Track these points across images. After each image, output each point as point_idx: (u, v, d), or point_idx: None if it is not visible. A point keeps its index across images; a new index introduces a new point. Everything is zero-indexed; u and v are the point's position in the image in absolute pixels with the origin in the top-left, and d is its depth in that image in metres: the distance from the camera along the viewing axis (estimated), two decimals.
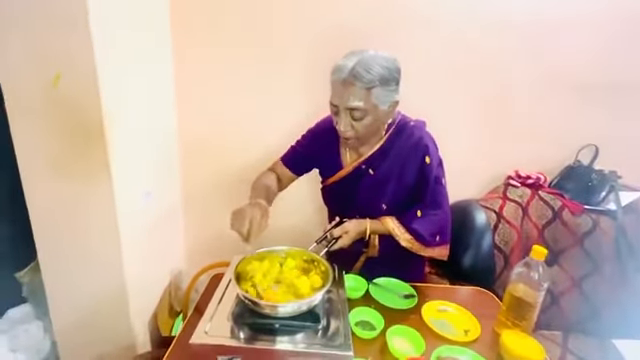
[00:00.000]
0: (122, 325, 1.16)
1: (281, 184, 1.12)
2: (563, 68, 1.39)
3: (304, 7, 1.34)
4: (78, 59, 0.89)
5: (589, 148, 1.44)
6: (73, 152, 0.97)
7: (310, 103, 1.40)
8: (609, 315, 1.26)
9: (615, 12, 1.32)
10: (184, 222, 1.62)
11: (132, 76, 1.09)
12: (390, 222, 1.01)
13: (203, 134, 1.49)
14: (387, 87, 0.89)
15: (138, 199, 1.16)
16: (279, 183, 1.11)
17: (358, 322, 0.89)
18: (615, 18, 1.33)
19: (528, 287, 0.84)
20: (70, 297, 1.13)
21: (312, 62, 1.36)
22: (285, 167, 1.13)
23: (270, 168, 1.15)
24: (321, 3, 1.33)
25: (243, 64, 1.40)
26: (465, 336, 0.88)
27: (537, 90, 1.42)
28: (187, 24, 1.35)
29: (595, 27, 1.34)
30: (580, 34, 1.35)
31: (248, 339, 0.66)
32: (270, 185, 1.05)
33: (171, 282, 1.47)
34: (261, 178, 1.09)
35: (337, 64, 0.89)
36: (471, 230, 1.30)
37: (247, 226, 0.79)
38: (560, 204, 1.34)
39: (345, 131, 0.92)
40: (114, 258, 1.07)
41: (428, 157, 0.99)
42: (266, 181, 1.07)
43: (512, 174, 1.47)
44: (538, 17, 1.33)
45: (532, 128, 1.47)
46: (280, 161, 1.14)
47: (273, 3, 1.34)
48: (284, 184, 1.13)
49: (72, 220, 1.04)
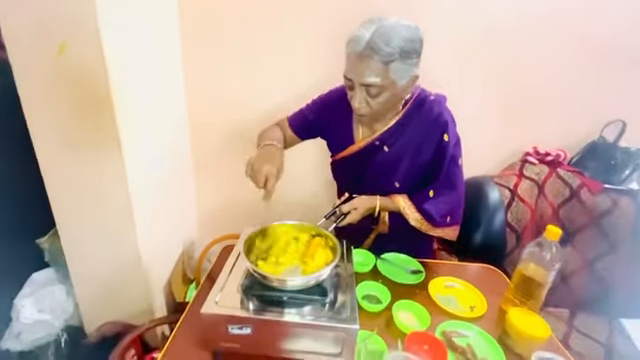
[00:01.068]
0: (139, 290, 1.21)
1: (285, 142, 1.08)
2: (590, 36, 1.28)
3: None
4: (82, 27, 0.86)
5: (615, 124, 1.36)
6: (82, 122, 0.97)
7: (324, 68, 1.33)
8: (620, 295, 1.25)
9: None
10: (195, 192, 1.64)
11: (138, 43, 1.06)
12: (401, 200, 0.99)
13: (212, 101, 1.46)
14: (407, 60, 0.82)
15: (149, 169, 1.17)
16: (284, 142, 1.07)
17: (365, 296, 0.91)
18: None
19: (539, 267, 0.83)
20: (88, 264, 1.18)
21: (327, 26, 1.28)
22: (290, 129, 1.09)
23: (277, 123, 1.12)
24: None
25: (253, 26, 1.34)
26: (471, 312, 0.89)
27: (561, 60, 1.32)
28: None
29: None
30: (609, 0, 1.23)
31: (257, 310, 0.68)
32: (278, 136, 1.02)
33: (184, 251, 1.51)
34: (268, 130, 1.06)
35: (353, 34, 0.82)
36: (483, 207, 1.28)
37: (263, 181, 0.80)
38: (579, 182, 1.29)
39: (359, 107, 0.88)
40: (127, 227, 1.10)
41: (446, 135, 0.94)
42: (273, 132, 1.04)
43: (530, 150, 1.41)
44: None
45: (555, 101, 1.39)
46: (287, 121, 1.10)
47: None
48: (287, 144, 1.09)
49: (86, 190, 1.06)
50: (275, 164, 0.83)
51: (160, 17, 1.22)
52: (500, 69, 1.35)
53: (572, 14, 1.25)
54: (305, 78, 1.38)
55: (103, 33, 0.87)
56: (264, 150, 0.88)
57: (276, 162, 0.84)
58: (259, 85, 1.43)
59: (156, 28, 1.19)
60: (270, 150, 0.88)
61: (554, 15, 1.26)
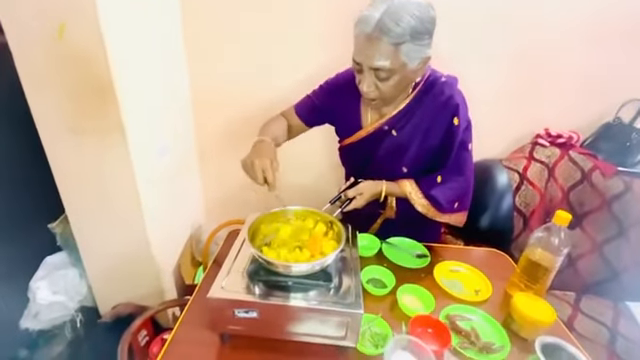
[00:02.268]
0: (149, 273, 1.24)
1: (291, 132, 1.06)
2: (605, 12, 1.21)
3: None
4: (80, 8, 0.84)
5: (633, 104, 1.31)
6: (86, 110, 0.97)
7: (330, 52, 1.30)
8: (627, 278, 1.24)
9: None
10: (201, 177, 1.65)
11: (139, 26, 1.04)
12: (408, 185, 0.98)
13: (216, 87, 1.44)
14: (419, 41, 0.78)
15: (155, 154, 1.17)
16: (289, 130, 1.05)
17: (370, 280, 0.92)
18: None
19: (546, 252, 0.83)
20: (99, 248, 1.21)
21: (333, 7, 1.24)
22: (297, 116, 1.06)
23: (282, 113, 1.09)
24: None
25: (257, 10, 1.30)
26: (475, 296, 0.89)
27: (575, 38, 1.26)
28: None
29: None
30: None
31: (263, 295, 0.69)
32: (278, 130, 1.00)
33: (192, 235, 1.54)
34: (270, 122, 1.04)
35: (361, 14, 0.78)
36: (491, 191, 1.26)
37: (261, 177, 0.78)
38: (591, 165, 1.26)
39: (368, 92, 0.85)
40: (135, 212, 1.11)
41: (457, 118, 0.91)
42: (275, 125, 1.01)
43: (542, 132, 1.37)
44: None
45: (568, 81, 1.33)
46: (293, 109, 1.07)
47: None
48: (294, 133, 1.08)
49: (92, 175, 1.07)
50: (267, 156, 0.81)
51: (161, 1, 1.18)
52: (510, 48, 1.29)
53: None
54: (310, 62, 1.34)
55: (102, 15, 0.85)
56: (254, 148, 0.87)
57: (267, 155, 0.82)
58: (264, 71, 1.40)
59: (157, 12, 1.16)
60: (258, 147, 0.87)
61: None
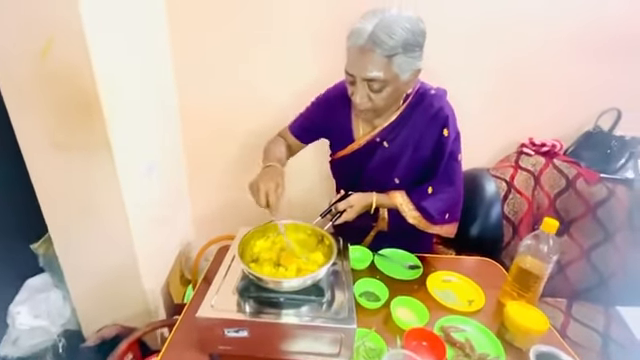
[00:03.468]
0: (136, 293, 1.20)
1: (291, 151, 1.09)
2: (584, 25, 1.27)
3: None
4: (66, 25, 0.84)
5: (610, 112, 1.36)
6: (71, 126, 0.95)
7: (319, 67, 1.32)
8: (616, 283, 1.26)
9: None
10: (190, 193, 1.63)
11: (126, 43, 1.04)
12: (399, 197, 0.98)
13: (205, 104, 1.44)
14: (410, 53, 0.80)
15: (142, 171, 1.15)
16: (289, 150, 1.08)
17: (363, 293, 0.91)
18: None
19: (536, 259, 0.83)
20: (84, 267, 1.17)
21: (323, 22, 1.26)
22: (292, 136, 1.09)
23: (279, 134, 1.12)
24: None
25: (244, 26, 1.31)
26: (469, 306, 0.89)
27: (555, 51, 1.31)
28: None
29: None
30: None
31: (253, 312, 0.68)
32: (281, 152, 1.03)
33: (181, 252, 1.50)
34: (271, 145, 1.07)
35: (354, 27, 0.80)
36: (480, 200, 1.28)
37: (264, 200, 0.80)
38: (575, 173, 1.29)
39: (361, 103, 0.86)
40: (122, 230, 1.09)
41: (447, 129, 0.93)
42: (276, 147, 1.04)
43: (526, 141, 1.40)
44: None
45: (550, 92, 1.38)
46: (288, 129, 1.10)
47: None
48: (293, 151, 1.11)
49: (78, 195, 1.04)
50: (273, 181, 0.83)
51: (148, 15, 1.19)
52: (494, 61, 1.34)
53: (566, 4, 1.24)
54: (299, 78, 1.35)
55: (88, 31, 0.85)
56: (263, 171, 0.90)
57: (274, 179, 0.84)
58: (253, 87, 1.41)
59: (144, 27, 1.16)
60: (268, 171, 0.90)
61: (548, 6, 1.25)
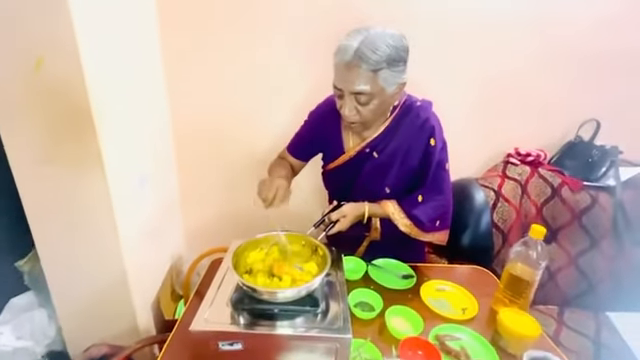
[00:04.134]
0: (125, 310, 1.17)
1: (294, 170, 1.14)
2: (562, 42, 1.34)
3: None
4: (59, 42, 0.84)
5: (590, 123, 1.42)
6: (62, 141, 0.95)
7: (308, 84, 1.36)
8: (604, 289, 1.28)
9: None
10: (182, 206, 1.62)
11: (119, 61, 1.05)
12: (390, 206, 1.00)
13: (197, 119, 1.45)
14: (395, 68, 0.84)
15: (133, 185, 1.15)
16: (292, 169, 1.12)
17: (357, 303, 0.90)
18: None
19: (526, 266, 0.85)
20: (71, 285, 1.13)
21: (311, 40, 1.30)
22: (292, 156, 1.13)
23: (280, 156, 1.17)
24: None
25: (236, 43, 1.34)
26: (463, 314, 0.90)
27: (537, 65, 1.38)
28: (176, 5, 1.28)
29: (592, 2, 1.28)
30: (579, 4, 1.29)
31: (248, 324, 0.67)
32: (286, 171, 1.08)
33: (172, 266, 1.48)
34: (274, 166, 1.12)
35: (340, 44, 0.84)
36: (470, 209, 1.30)
37: (273, 192, 0.89)
38: (559, 181, 1.33)
39: (350, 115, 0.89)
40: (112, 245, 1.07)
41: (433, 139, 0.96)
42: (280, 167, 1.09)
43: (512, 152, 1.45)
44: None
45: (533, 104, 1.44)
46: (286, 151, 1.15)
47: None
48: (296, 171, 1.16)
49: (67, 209, 1.02)
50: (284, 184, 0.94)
51: (140, 30, 1.21)
52: (479, 75, 1.40)
53: (547, 23, 1.32)
54: (292, 91, 1.39)
55: (81, 46, 0.85)
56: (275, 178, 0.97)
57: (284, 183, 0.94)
58: (245, 100, 1.43)
59: (136, 42, 1.18)
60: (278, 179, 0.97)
61: (530, 24, 1.32)
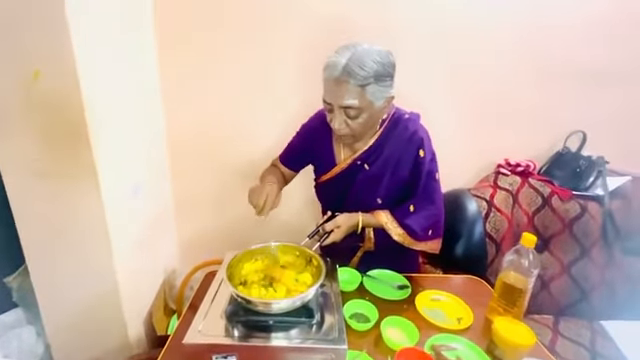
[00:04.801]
0: (116, 326, 1.15)
1: (285, 178, 1.16)
2: (549, 57, 1.40)
3: None
4: (56, 55, 0.85)
5: (577, 135, 1.46)
6: (57, 152, 0.95)
7: (301, 96, 1.39)
8: (597, 298, 1.29)
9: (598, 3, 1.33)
10: (175, 219, 1.61)
11: (115, 72, 1.06)
12: (383, 216, 1.01)
13: (192, 130, 1.47)
14: (382, 83, 0.87)
15: (127, 197, 1.14)
16: (283, 177, 1.14)
17: (353, 315, 0.90)
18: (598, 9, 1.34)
19: (519, 274, 0.86)
20: (61, 300, 1.11)
21: (304, 55, 1.34)
22: (283, 166, 1.16)
23: (273, 163, 1.19)
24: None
25: (230, 58, 1.37)
26: (458, 324, 0.89)
27: (525, 79, 1.43)
28: (172, 17, 1.31)
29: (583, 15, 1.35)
30: (568, 22, 1.35)
31: (242, 337, 0.66)
32: (277, 177, 1.10)
33: (165, 280, 1.46)
34: (266, 173, 1.14)
35: (329, 60, 0.87)
36: (463, 219, 1.31)
37: (264, 198, 0.91)
38: (549, 191, 1.36)
39: (340, 129, 0.91)
40: (105, 259, 1.06)
41: (422, 151, 0.98)
42: (272, 174, 1.11)
43: (502, 162, 1.48)
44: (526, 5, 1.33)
45: (521, 116, 1.48)
46: (278, 160, 1.17)
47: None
48: (287, 179, 1.17)
49: (60, 222, 1.01)
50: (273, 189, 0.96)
51: (138, 48, 1.23)
52: (469, 89, 1.44)
53: (534, 38, 1.37)
54: (285, 105, 1.41)
55: (78, 59, 0.86)
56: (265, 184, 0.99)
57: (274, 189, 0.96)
58: (240, 113, 1.45)
59: (134, 59, 1.20)
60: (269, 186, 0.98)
61: (519, 39, 1.37)
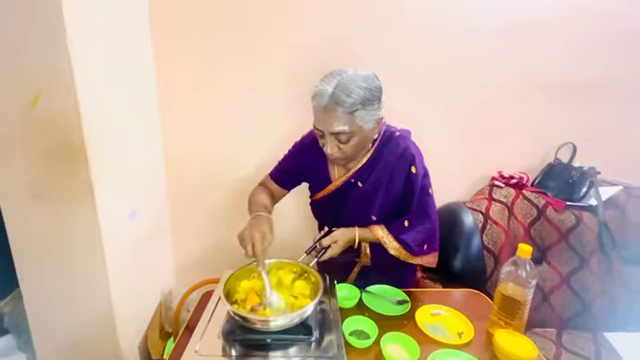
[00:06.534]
0: (110, 351, 1.12)
1: (274, 198, 1.13)
2: (538, 72, 1.44)
3: (289, 21, 1.36)
4: (57, 79, 0.87)
5: (567, 146, 1.49)
6: (54, 175, 0.95)
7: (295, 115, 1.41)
8: (599, 309, 1.28)
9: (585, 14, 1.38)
10: (172, 239, 1.60)
11: (114, 95, 1.08)
12: (379, 230, 1.02)
13: (188, 151, 1.48)
14: (370, 107, 0.89)
15: (124, 220, 1.14)
16: (272, 197, 1.12)
17: (352, 332, 0.88)
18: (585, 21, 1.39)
19: (517, 285, 0.85)
20: (54, 325, 1.09)
21: (298, 74, 1.36)
22: (274, 183, 1.15)
23: (261, 183, 1.17)
24: (305, 17, 1.36)
25: (226, 80, 1.41)
26: (459, 339, 0.88)
27: (515, 93, 1.47)
28: (170, 40, 1.35)
29: (566, 30, 1.40)
30: (552, 37, 1.41)
31: (240, 356, 0.65)
32: (265, 200, 1.07)
33: (161, 302, 1.43)
34: (255, 194, 1.11)
35: (316, 89, 0.89)
36: (460, 232, 1.32)
37: (251, 250, 0.82)
38: (544, 202, 1.37)
39: (332, 153, 0.93)
40: (100, 283, 1.04)
41: (414, 167, 1.00)
42: (260, 196, 1.08)
43: (496, 175, 1.50)
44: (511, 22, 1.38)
45: (513, 130, 1.51)
46: (269, 177, 1.16)
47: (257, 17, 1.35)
48: (277, 198, 1.15)
49: (55, 245, 1.01)
50: (259, 231, 0.86)
51: (136, 71, 1.26)
52: (461, 105, 1.48)
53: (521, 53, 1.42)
54: (279, 126, 1.44)
55: (78, 83, 0.88)
56: (251, 222, 0.93)
57: (260, 229, 0.87)
58: (234, 138, 1.48)
59: (133, 82, 1.23)
60: (255, 220, 0.92)
61: (507, 56, 1.42)
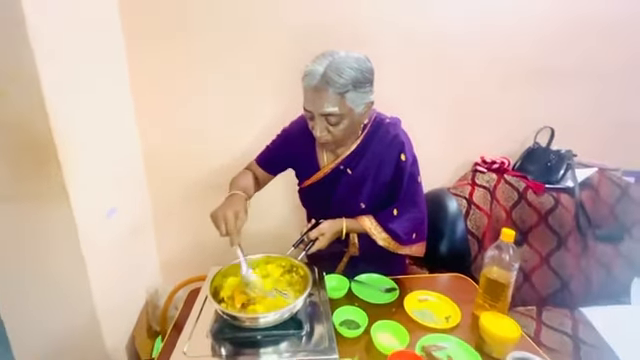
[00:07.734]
0: (96, 354, 1.09)
1: (258, 183, 1.11)
2: (516, 59, 1.46)
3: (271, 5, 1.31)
4: (19, 75, 0.82)
5: (545, 130, 1.53)
6: (24, 174, 0.90)
7: (279, 104, 1.38)
8: (576, 285, 1.35)
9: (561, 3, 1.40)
10: (156, 236, 1.56)
11: (83, 89, 1.02)
12: (367, 221, 1.02)
13: (167, 144, 1.43)
14: (361, 89, 0.87)
15: (102, 218, 1.10)
16: (256, 181, 1.10)
17: (343, 322, 0.89)
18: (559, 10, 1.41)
19: (501, 269, 0.88)
20: (34, 332, 1.05)
21: (282, 61, 1.33)
22: (260, 168, 1.12)
23: (247, 167, 1.14)
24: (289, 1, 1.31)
25: (204, 67, 1.35)
26: (447, 323, 0.90)
27: (495, 80, 1.49)
28: (141, 25, 1.27)
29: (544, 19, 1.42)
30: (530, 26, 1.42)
31: (230, 355, 0.64)
32: (247, 182, 1.04)
33: (148, 301, 1.40)
34: (238, 176, 1.08)
35: (307, 69, 0.87)
36: (444, 218, 1.34)
37: (223, 228, 0.79)
38: (524, 185, 1.41)
39: (321, 136, 0.92)
40: (81, 285, 1.01)
41: (403, 154, 1.00)
42: (243, 178, 1.06)
43: (478, 160, 1.52)
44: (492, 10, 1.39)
45: (493, 115, 1.54)
46: (255, 162, 1.13)
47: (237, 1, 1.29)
48: (261, 183, 1.13)
49: (29, 249, 0.96)
50: (232, 209, 0.83)
51: (107, 61, 1.19)
52: (443, 91, 1.48)
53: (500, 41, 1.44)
54: (263, 116, 1.40)
55: (43, 78, 0.83)
56: (225, 201, 0.90)
57: (233, 208, 0.84)
58: (215, 128, 1.43)
59: (103, 73, 1.16)
60: (229, 199, 0.90)
61: (487, 42, 1.43)
